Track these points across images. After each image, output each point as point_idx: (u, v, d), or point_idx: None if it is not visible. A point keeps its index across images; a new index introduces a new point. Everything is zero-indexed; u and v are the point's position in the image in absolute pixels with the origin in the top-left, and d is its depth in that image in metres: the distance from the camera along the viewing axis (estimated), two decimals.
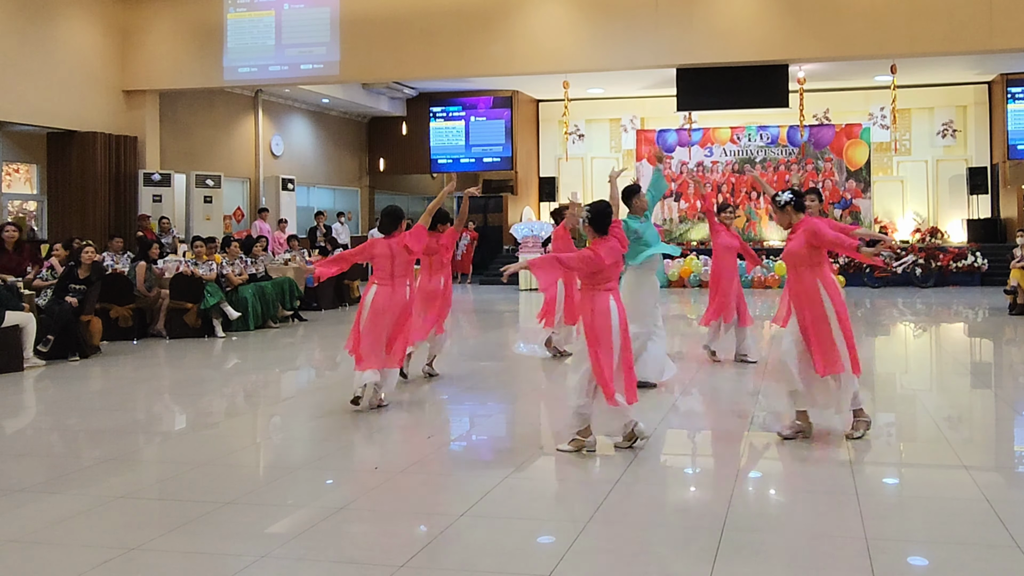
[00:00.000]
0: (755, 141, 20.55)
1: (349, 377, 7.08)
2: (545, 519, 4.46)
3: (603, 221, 5.50)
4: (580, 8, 14.59)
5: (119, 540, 4.08)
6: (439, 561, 3.83)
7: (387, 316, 6.71)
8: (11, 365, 8.70)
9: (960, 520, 4.30)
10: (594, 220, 5.50)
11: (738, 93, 15.13)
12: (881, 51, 13.96)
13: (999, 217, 19.90)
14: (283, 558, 3.87)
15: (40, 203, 15.33)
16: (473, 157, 21.84)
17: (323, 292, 14.73)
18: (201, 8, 15.85)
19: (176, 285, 11.29)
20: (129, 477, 5.26)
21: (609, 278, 5.44)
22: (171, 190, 16.14)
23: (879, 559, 3.75)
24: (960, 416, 6.92)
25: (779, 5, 13.94)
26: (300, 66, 15.54)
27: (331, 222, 19.34)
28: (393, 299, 6.73)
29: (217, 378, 9.06)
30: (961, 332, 12.63)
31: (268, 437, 6.51)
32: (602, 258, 5.38)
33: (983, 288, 17.33)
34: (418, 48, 14.99)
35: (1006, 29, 13.12)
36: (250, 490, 4.90)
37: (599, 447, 5.50)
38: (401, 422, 6.56)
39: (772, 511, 4.60)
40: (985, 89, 20.24)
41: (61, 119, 14.73)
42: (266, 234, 15.64)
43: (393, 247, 6.81)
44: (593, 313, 5.37)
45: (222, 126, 18.22)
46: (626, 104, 21.58)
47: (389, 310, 6.71)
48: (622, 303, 5.52)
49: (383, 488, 4.89)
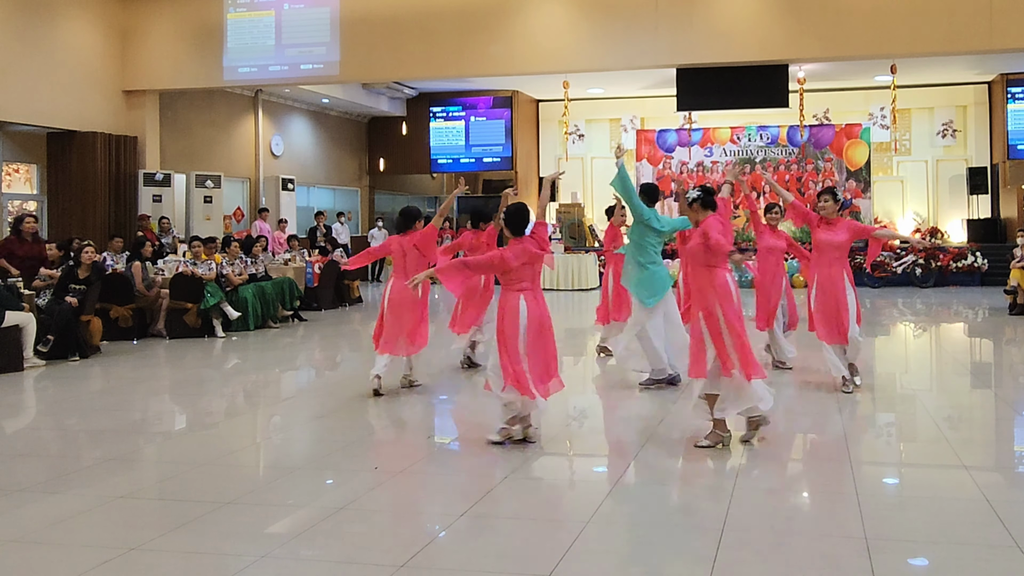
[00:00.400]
0: (755, 141, 20.55)
1: (349, 377, 7.10)
2: (545, 519, 4.46)
3: (517, 223, 5.61)
4: (580, 8, 14.58)
5: (119, 540, 4.08)
6: (439, 561, 3.84)
7: (403, 307, 7.29)
8: (11, 365, 8.70)
9: (960, 520, 4.30)
10: (509, 221, 5.64)
11: (738, 93, 15.12)
12: (881, 51, 13.95)
13: (999, 217, 19.89)
14: (283, 558, 3.87)
15: (40, 203, 15.33)
16: (473, 157, 21.84)
17: (323, 292, 14.74)
18: (201, 8, 15.84)
19: (176, 285, 11.29)
20: (129, 477, 5.26)
21: (520, 279, 5.56)
22: (171, 190, 16.14)
23: (879, 559, 3.75)
24: (960, 416, 6.92)
25: (779, 5, 13.94)
26: (300, 66, 15.54)
27: (331, 222, 19.34)
28: (405, 291, 7.15)
29: (217, 378, 9.06)
30: (961, 332, 12.63)
31: (268, 437, 6.51)
32: (508, 260, 5.51)
33: (983, 288, 17.33)
34: (418, 48, 14.98)
35: (1006, 29, 13.12)
36: (250, 490, 4.90)
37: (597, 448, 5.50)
38: (401, 422, 6.56)
39: (772, 511, 4.60)
40: (985, 89, 20.23)
41: (61, 119, 14.72)
42: (266, 234, 15.64)
43: (404, 245, 7.39)
44: (504, 312, 5.53)
45: (222, 126, 18.22)
46: (626, 104, 21.59)
47: (403, 302, 7.26)
48: (539, 302, 5.61)
49: (383, 488, 4.89)
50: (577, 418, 7.01)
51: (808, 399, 7.10)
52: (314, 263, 14.78)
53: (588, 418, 7.11)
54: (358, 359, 10.66)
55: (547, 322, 5.64)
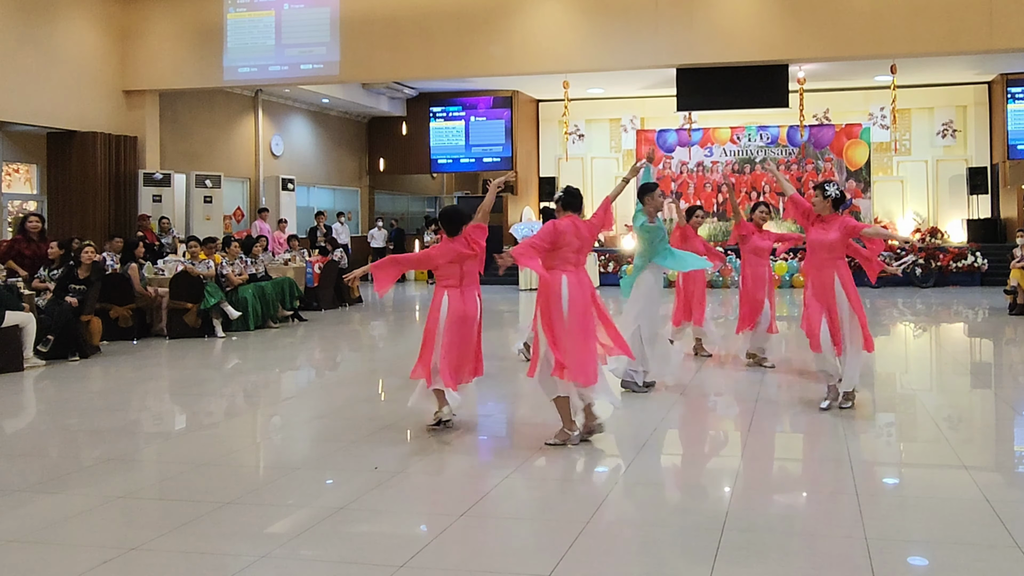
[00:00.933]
0: (755, 141, 20.55)
1: (349, 377, 7.08)
2: (545, 519, 4.46)
3: (448, 223, 6.02)
4: (580, 8, 14.58)
5: (119, 540, 4.08)
6: (439, 561, 3.83)
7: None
8: (11, 365, 8.70)
9: (960, 520, 4.30)
10: (442, 221, 6.10)
11: (738, 93, 15.13)
12: (881, 51, 13.95)
13: (999, 217, 19.89)
14: (283, 558, 3.87)
15: (40, 203, 15.32)
16: (473, 157, 21.83)
17: (323, 292, 14.75)
18: (201, 8, 15.84)
19: (176, 285, 11.29)
20: (129, 477, 5.26)
21: (447, 276, 5.96)
22: (171, 190, 16.14)
23: (879, 559, 3.75)
24: (960, 416, 6.92)
25: (779, 5, 13.94)
26: (300, 66, 15.54)
27: (331, 222, 19.35)
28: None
29: (217, 378, 9.06)
30: (961, 332, 12.63)
31: (268, 437, 6.51)
32: (434, 257, 5.98)
33: (983, 288, 17.33)
34: (418, 48, 14.98)
35: (1006, 29, 13.12)
36: (250, 490, 4.90)
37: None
38: (401, 422, 6.56)
39: (772, 511, 4.60)
40: (985, 89, 20.23)
41: (61, 119, 14.72)
42: (266, 234, 15.64)
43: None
44: (430, 306, 6.02)
45: (222, 126, 18.22)
46: (626, 104, 21.58)
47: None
48: (466, 299, 5.97)
49: (383, 488, 4.89)
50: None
51: (808, 399, 7.09)
52: (314, 263, 14.79)
53: None
54: (358, 359, 10.67)
55: (470, 318, 6.00)
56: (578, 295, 5.56)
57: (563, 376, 5.48)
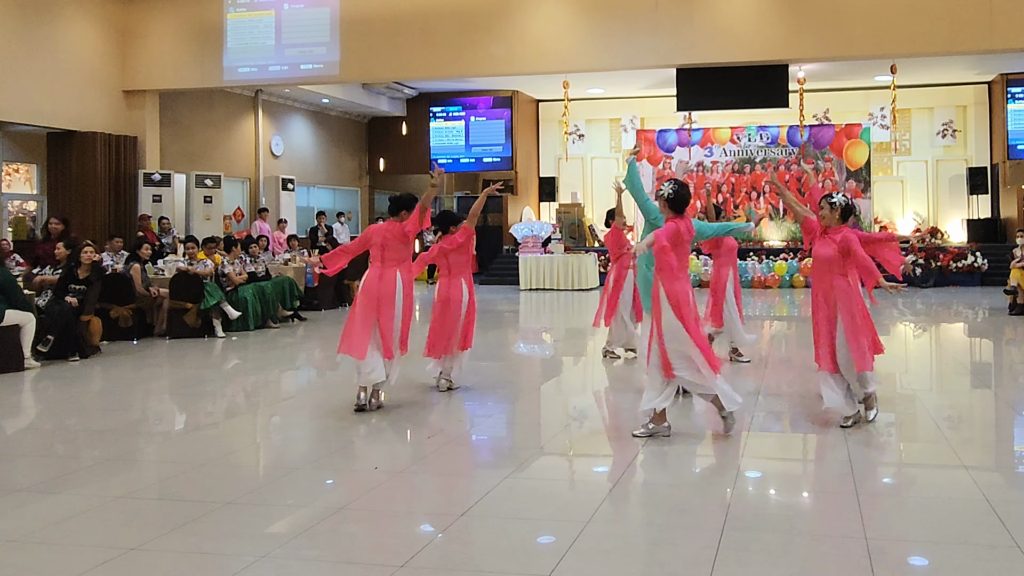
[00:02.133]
0: (755, 141, 20.55)
1: (349, 377, 7.08)
2: (545, 519, 4.45)
3: (393, 205, 6.81)
4: (580, 8, 14.59)
5: (119, 540, 4.08)
6: (439, 561, 3.83)
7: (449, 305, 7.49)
8: (11, 365, 8.70)
9: (960, 520, 4.30)
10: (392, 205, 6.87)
11: (738, 93, 15.13)
12: (881, 51, 13.96)
13: (999, 217, 19.90)
14: (283, 558, 3.87)
15: (40, 203, 15.33)
16: (473, 157, 21.83)
17: (323, 292, 14.75)
18: (201, 8, 15.85)
19: (176, 285, 11.29)
20: (129, 477, 5.26)
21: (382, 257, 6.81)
22: (171, 190, 16.14)
23: (879, 559, 3.75)
24: (960, 416, 6.92)
25: (779, 5, 13.94)
26: (300, 66, 15.54)
27: (331, 222, 19.34)
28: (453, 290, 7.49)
29: (217, 378, 9.06)
30: (961, 332, 12.63)
31: (268, 437, 6.51)
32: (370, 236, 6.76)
33: (983, 288, 17.33)
34: (418, 48, 14.99)
35: (1006, 29, 13.12)
36: (250, 490, 4.90)
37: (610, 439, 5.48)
38: (401, 422, 6.56)
39: (772, 511, 4.60)
40: (985, 89, 20.24)
41: (61, 119, 14.72)
42: (266, 234, 15.64)
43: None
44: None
45: (222, 126, 18.22)
46: (626, 104, 21.58)
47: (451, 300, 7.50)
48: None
49: (383, 488, 4.89)
50: (577, 418, 7.02)
51: (807, 399, 7.09)
52: None
53: (588, 418, 7.11)
54: None
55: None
56: None
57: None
